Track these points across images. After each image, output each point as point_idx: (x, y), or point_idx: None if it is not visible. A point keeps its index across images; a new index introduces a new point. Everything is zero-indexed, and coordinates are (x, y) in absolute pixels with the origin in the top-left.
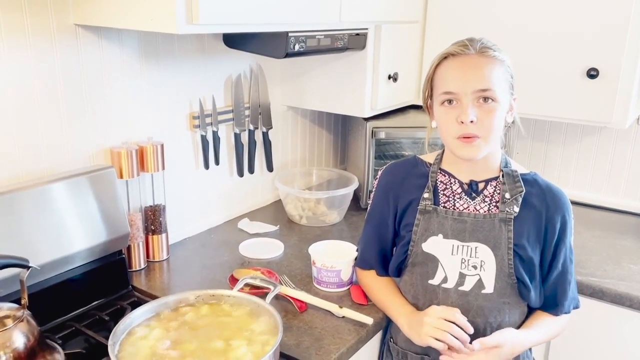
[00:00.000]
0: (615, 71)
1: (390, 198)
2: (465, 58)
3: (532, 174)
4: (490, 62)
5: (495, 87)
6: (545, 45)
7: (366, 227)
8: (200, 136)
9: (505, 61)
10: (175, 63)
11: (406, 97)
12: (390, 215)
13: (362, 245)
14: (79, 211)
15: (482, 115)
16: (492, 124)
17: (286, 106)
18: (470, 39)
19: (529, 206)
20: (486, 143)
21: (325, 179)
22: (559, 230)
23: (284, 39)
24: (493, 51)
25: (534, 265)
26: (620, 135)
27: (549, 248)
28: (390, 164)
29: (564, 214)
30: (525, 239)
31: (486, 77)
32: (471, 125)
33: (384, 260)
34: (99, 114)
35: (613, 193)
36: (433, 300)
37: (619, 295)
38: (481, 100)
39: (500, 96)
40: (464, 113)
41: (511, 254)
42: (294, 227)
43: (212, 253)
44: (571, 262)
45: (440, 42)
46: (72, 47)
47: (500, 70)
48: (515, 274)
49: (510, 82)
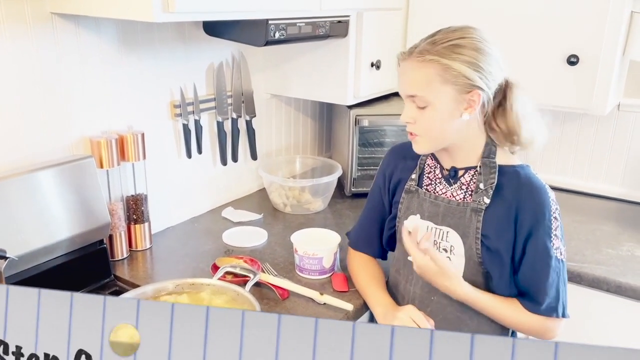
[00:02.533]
0: (594, 58)
1: (387, 175)
2: (403, 63)
3: (519, 166)
4: (421, 66)
5: (424, 91)
6: (526, 32)
7: (365, 207)
8: (182, 125)
9: (447, 63)
10: (155, 51)
11: (389, 84)
12: (386, 192)
13: (357, 224)
14: (58, 201)
15: (418, 117)
16: (426, 126)
17: (269, 94)
18: (424, 38)
19: (501, 198)
20: (427, 141)
21: (310, 167)
22: (529, 227)
23: (263, 26)
24: (428, 53)
25: (502, 257)
26: (601, 122)
27: (518, 244)
28: (398, 144)
29: (536, 211)
30: (493, 230)
31: (414, 83)
32: (409, 124)
33: (378, 237)
34: (77, 103)
35: (594, 179)
36: (409, 275)
37: (596, 279)
38: (415, 104)
39: (433, 99)
40: (402, 114)
41: (479, 244)
42: (279, 216)
43: (195, 242)
44: (548, 265)
45: (422, 28)
46: (49, 36)
47: (433, 72)
48: (484, 264)
49: (460, 82)
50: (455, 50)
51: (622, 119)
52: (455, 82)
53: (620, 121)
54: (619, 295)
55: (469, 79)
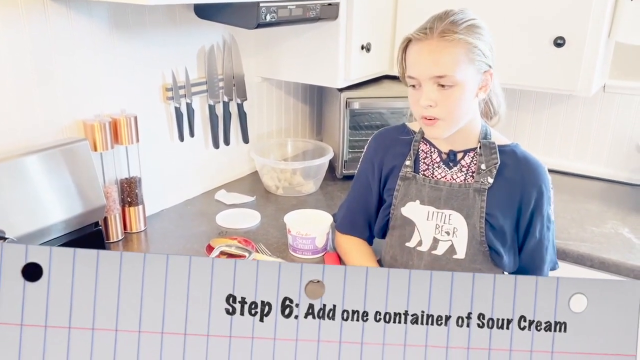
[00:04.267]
0: (580, 40)
1: (376, 163)
2: (424, 43)
3: (512, 145)
4: (449, 46)
5: (455, 71)
6: (514, 14)
7: (351, 191)
8: (174, 108)
9: (472, 41)
10: (146, 35)
11: (380, 67)
12: (375, 179)
13: (344, 208)
14: (53, 184)
15: (441, 99)
16: (451, 107)
17: (261, 77)
18: (436, 19)
19: (503, 177)
20: (449, 124)
21: (301, 149)
22: (535, 201)
23: (255, 9)
24: (455, 33)
25: (505, 233)
26: (587, 103)
27: (523, 218)
28: (381, 129)
29: (540, 186)
30: (497, 209)
31: (442, 63)
32: (430, 108)
33: (367, 225)
34: (70, 86)
35: (580, 159)
36: (408, 261)
37: (580, 256)
38: (440, 85)
39: (463, 78)
40: (422, 98)
41: (483, 223)
42: (271, 198)
43: (189, 224)
44: (548, 229)
45: (413, 11)
46: (41, 19)
47: (461, 52)
48: (487, 242)
49: (480, 60)
50: (476, 31)
51: (607, 100)
52: (477, 61)
53: (605, 102)
54: (602, 271)
55: (487, 59)
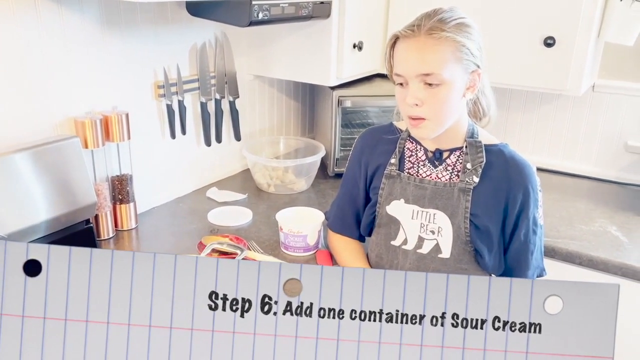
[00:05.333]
0: (570, 40)
1: (362, 162)
2: (411, 41)
3: (500, 145)
4: (436, 43)
5: (441, 69)
6: (504, 14)
7: (340, 190)
8: (165, 105)
9: (460, 40)
10: (138, 32)
11: (372, 66)
12: (362, 178)
13: (335, 207)
14: (44, 181)
15: (428, 98)
16: (437, 107)
17: (253, 75)
18: (424, 17)
19: (489, 177)
20: (435, 124)
21: (293, 147)
22: (521, 202)
23: (247, 7)
24: (443, 31)
25: (491, 234)
26: (576, 102)
27: (510, 219)
28: (368, 128)
29: (526, 186)
30: (482, 209)
31: (429, 61)
32: (417, 107)
33: (357, 223)
34: (61, 83)
35: (569, 158)
36: (394, 260)
37: (569, 254)
38: (427, 83)
39: (450, 77)
40: (409, 96)
41: (467, 223)
42: (263, 195)
43: (180, 221)
44: (534, 233)
45: (404, 9)
46: (32, 16)
47: (449, 50)
48: (472, 242)
49: (468, 59)
50: (465, 30)
51: (596, 99)
52: (464, 60)
53: (594, 102)
54: (590, 269)
55: (476, 58)
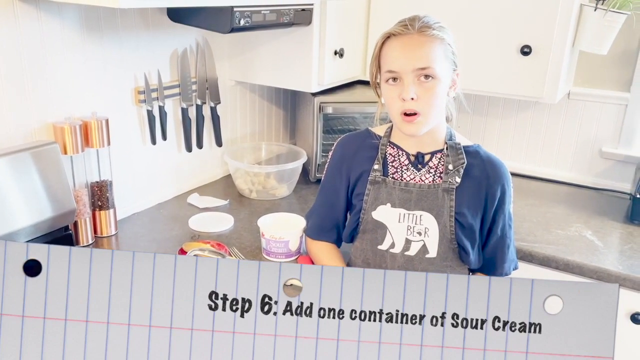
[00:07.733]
0: (546, 48)
1: (343, 170)
2: (405, 38)
3: (475, 146)
4: (429, 40)
5: (435, 64)
6: (482, 23)
7: (319, 198)
8: (146, 111)
9: (446, 39)
10: (118, 37)
11: (353, 72)
12: (343, 186)
13: (314, 215)
14: (22, 187)
15: (422, 93)
16: (431, 101)
17: (234, 81)
18: (412, 18)
19: (470, 176)
20: (427, 120)
21: (275, 153)
22: (499, 199)
23: (229, 13)
24: (432, 30)
25: (474, 232)
26: (552, 110)
27: (488, 215)
28: (344, 136)
29: (503, 184)
30: (466, 207)
31: (425, 56)
32: (412, 102)
33: (335, 229)
34: (40, 89)
35: (546, 164)
36: (381, 264)
37: (546, 258)
38: (422, 78)
39: (441, 73)
40: (405, 90)
41: (453, 221)
42: (244, 201)
43: (161, 227)
44: (510, 227)
45: (385, 17)
46: (10, 21)
47: (440, 48)
48: (457, 240)
49: (451, 58)
50: (445, 31)
51: (571, 107)
52: (449, 59)
53: (570, 109)
54: (566, 272)
55: (456, 58)
